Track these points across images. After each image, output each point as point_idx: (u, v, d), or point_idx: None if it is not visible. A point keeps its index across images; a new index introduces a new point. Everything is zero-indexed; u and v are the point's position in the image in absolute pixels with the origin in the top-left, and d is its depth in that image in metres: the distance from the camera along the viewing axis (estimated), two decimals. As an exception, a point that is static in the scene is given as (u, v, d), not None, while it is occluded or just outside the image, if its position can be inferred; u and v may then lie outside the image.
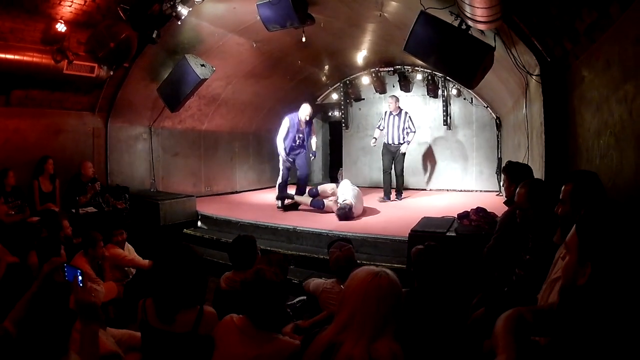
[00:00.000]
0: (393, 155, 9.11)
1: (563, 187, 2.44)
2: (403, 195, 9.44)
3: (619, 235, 1.39)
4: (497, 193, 9.76)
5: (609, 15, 3.24)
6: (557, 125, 4.79)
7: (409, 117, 9.03)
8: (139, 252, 5.35)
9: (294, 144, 8.46)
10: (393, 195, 9.27)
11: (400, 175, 9.23)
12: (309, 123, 8.47)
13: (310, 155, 8.87)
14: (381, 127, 9.23)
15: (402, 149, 9.00)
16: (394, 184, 9.29)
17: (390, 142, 9.11)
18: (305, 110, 8.30)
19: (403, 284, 1.97)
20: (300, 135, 8.47)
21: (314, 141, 8.73)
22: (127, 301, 4.48)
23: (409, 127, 8.98)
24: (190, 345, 2.44)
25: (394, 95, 9.53)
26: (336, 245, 3.84)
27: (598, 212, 1.51)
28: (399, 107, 9.10)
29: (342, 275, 3.55)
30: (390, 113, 9.08)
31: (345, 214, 7.15)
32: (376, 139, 9.35)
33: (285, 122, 8.37)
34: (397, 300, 1.85)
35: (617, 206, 1.50)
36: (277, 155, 8.71)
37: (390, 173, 9.19)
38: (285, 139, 8.36)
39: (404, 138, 9.00)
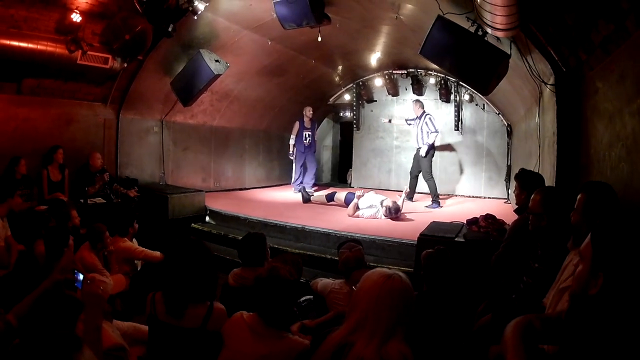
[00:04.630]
0: (417, 159, 9.09)
1: (578, 197, 2.46)
2: (415, 198, 9.43)
3: (632, 249, 1.39)
4: (505, 200, 9.74)
5: (625, 29, 3.23)
6: (570, 135, 4.77)
7: (429, 118, 8.96)
8: (146, 245, 5.35)
9: (305, 142, 10.36)
10: (404, 195, 8.51)
11: (427, 180, 8.97)
12: (312, 121, 10.50)
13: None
14: (408, 122, 9.56)
15: (421, 151, 8.87)
16: (428, 189, 9.08)
17: (416, 145, 9.16)
18: (306, 108, 10.41)
19: (411, 287, 1.98)
20: (309, 134, 10.39)
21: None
22: (133, 294, 4.50)
23: (429, 128, 8.86)
24: (199, 341, 2.44)
25: (416, 100, 9.56)
26: (346, 246, 3.85)
27: (613, 225, 1.51)
28: (422, 110, 9.13)
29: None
30: (415, 117, 9.19)
31: (397, 210, 7.47)
32: (391, 120, 10.61)
33: (296, 125, 10.41)
34: (409, 303, 1.85)
35: (631, 220, 1.51)
36: (287, 153, 10.67)
37: (417, 177, 9.25)
38: (297, 137, 10.31)
39: (423, 140, 8.88)
